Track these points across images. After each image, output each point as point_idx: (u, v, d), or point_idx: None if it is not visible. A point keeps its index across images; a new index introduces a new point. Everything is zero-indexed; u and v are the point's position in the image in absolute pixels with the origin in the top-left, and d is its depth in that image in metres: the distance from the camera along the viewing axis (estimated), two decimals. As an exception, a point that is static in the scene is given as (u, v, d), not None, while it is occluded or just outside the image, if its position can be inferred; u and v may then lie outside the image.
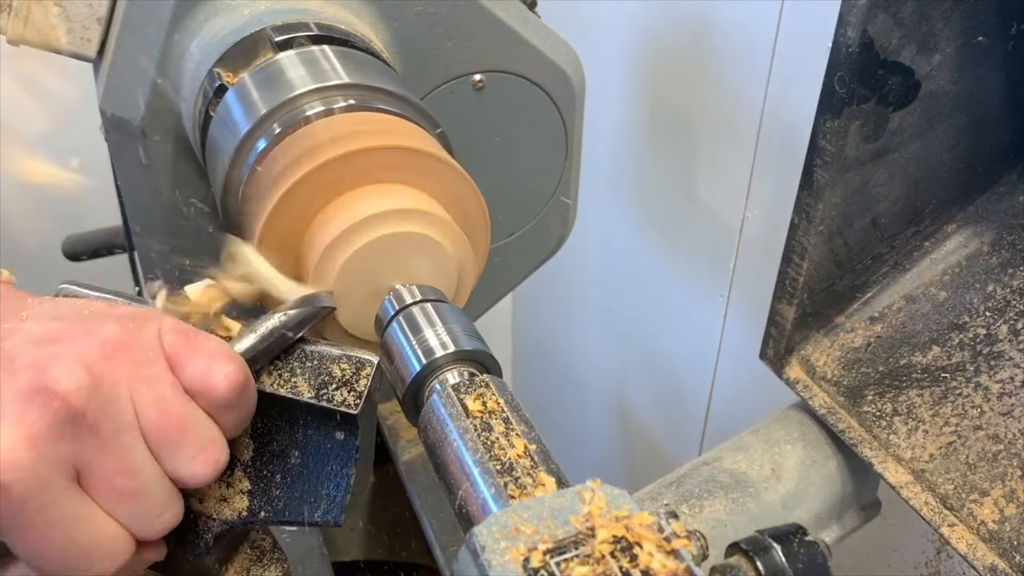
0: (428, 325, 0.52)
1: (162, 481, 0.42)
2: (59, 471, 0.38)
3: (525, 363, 2.29)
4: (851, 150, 0.67)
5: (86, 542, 0.39)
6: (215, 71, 0.67)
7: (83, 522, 0.39)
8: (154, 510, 0.41)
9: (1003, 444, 0.66)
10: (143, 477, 0.41)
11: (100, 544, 0.40)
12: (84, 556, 0.39)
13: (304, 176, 0.55)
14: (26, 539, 0.38)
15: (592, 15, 1.53)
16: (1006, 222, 0.76)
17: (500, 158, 0.86)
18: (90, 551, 0.39)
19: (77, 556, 0.39)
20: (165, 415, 0.41)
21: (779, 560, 0.50)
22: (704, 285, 1.46)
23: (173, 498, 0.43)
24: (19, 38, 0.71)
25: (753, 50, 1.20)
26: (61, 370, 0.38)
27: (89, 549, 0.39)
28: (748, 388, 1.42)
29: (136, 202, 0.77)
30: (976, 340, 0.72)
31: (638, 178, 1.57)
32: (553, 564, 0.34)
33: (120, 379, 0.40)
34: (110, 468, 0.39)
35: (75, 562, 0.39)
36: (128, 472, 0.40)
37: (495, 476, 0.42)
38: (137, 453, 0.40)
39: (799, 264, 0.73)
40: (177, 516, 0.43)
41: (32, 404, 0.37)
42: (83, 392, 0.38)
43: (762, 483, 0.72)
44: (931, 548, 1.08)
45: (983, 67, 0.69)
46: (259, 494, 0.48)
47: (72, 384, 0.38)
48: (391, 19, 0.76)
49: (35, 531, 0.37)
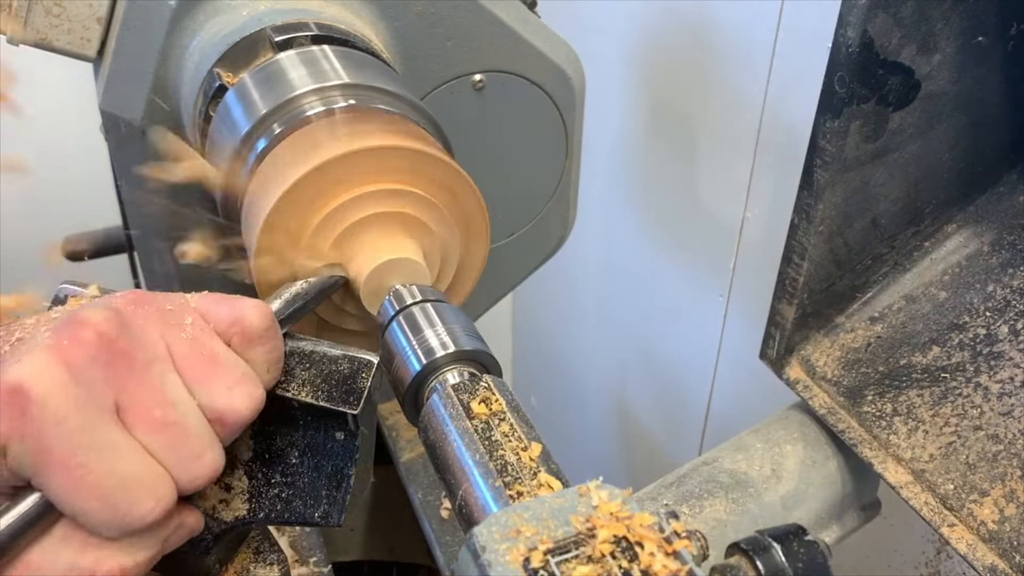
0: (428, 325, 0.52)
1: (200, 417, 0.41)
2: (95, 395, 0.37)
3: (525, 363, 2.29)
4: (851, 150, 0.67)
5: (128, 474, 0.38)
6: (215, 71, 0.67)
7: (124, 452, 0.38)
8: (194, 448, 0.40)
9: (1003, 444, 0.66)
10: (180, 408, 0.40)
11: (142, 480, 0.38)
12: (126, 491, 0.38)
13: (304, 176, 0.55)
14: (65, 467, 0.36)
15: (592, 15, 1.53)
16: (1006, 222, 0.76)
17: (500, 158, 0.86)
18: (133, 486, 0.38)
19: (119, 490, 0.37)
20: (198, 350, 0.42)
21: (779, 560, 0.50)
22: (704, 285, 1.46)
23: (213, 440, 0.42)
24: (19, 38, 0.71)
25: (753, 50, 1.20)
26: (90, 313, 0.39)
27: (132, 484, 0.38)
28: (748, 388, 1.42)
29: (136, 202, 0.77)
30: (976, 340, 0.71)
31: (638, 178, 1.57)
32: (553, 564, 0.34)
33: (149, 319, 0.41)
34: (147, 398, 0.39)
35: (116, 497, 0.37)
36: (166, 403, 0.40)
37: (495, 476, 0.42)
38: (173, 384, 0.40)
39: (799, 264, 0.73)
40: (218, 462, 0.42)
41: (63, 333, 0.38)
42: (113, 323, 0.39)
43: (762, 483, 0.72)
44: (931, 548, 1.08)
45: (983, 67, 0.69)
46: (259, 494, 0.48)
47: (101, 316, 0.39)
48: (391, 19, 0.76)
49: (74, 456, 0.36)
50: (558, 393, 2.13)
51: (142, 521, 0.38)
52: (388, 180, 0.58)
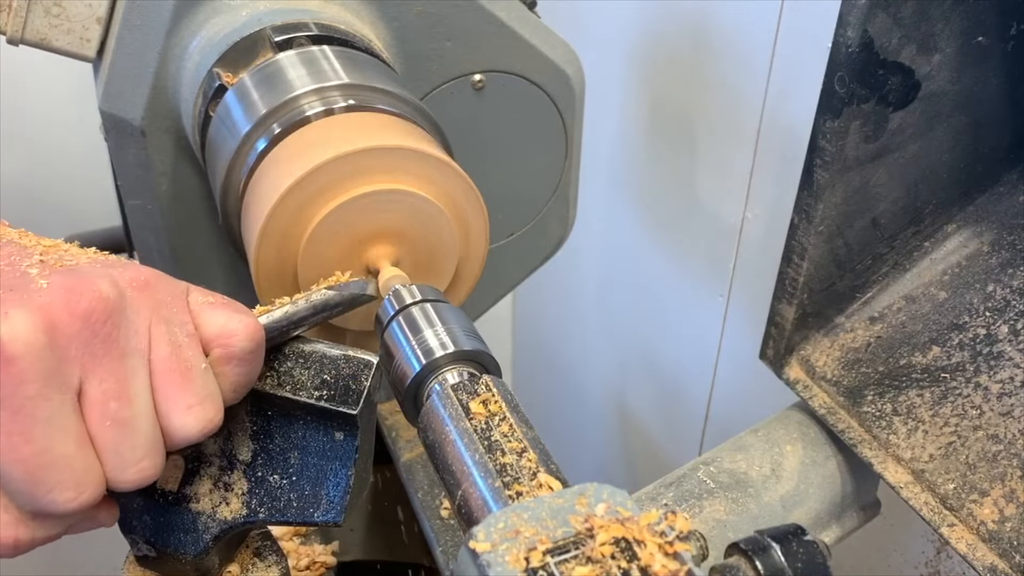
0: (428, 325, 0.52)
1: (152, 422, 0.41)
2: (65, 368, 0.37)
3: (525, 363, 2.29)
4: (851, 150, 0.67)
5: (61, 457, 0.37)
6: (215, 71, 0.67)
7: (67, 434, 0.37)
8: (136, 452, 0.40)
9: (1003, 444, 0.66)
10: (136, 408, 0.40)
11: (72, 467, 0.38)
12: (53, 472, 0.37)
13: (304, 176, 0.55)
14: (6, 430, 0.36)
15: (592, 15, 1.53)
16: (1006, 222, 0.76)
17: (500, 158, 0.86)
18: (61, 470, 0.37)
19: (47, 469, 0.37)
20: (175, 356, 0.41)
21: (779, 560, 0.50)
22: (704, 285, 1.46)
23: (156, 448, 0.41)
24: (18, 38, 0.71)
25: (753, 50, 1.20)
26: (92, 282, 0.39)
27: (61, 467, 0.37)
28: (748, 388, 1.42)
29: (136, 202, 0.77)
30: (976, 340, 0.71)
31: (638, 178, 1.57)
32: (553, 564, 0.34)
33: (143, 309, 0.41)
34: (108, 387, 0.39)
35: (42, 475, 0.37)
36: (125, 397, 0.39)
37: (495, 476, 0.42)
38: (139, 381, 0.40)
39: (799, 264, 0.73)
40: (154, 471, 0.41)
41: (59, 298, 0.37)
42: (110, 304, 0.39)
43: (762, 483, 0.72)
44: (931, 548, 1.08)
45: (983, 67, 0.69)
46: (259, 494, 0.48)
47: (101, 293, 0.38)
48: (391, 19, 0.76)
49: (17, 423, 0.36)
50: (558, 393, 2.13)
51: (56, 506, 0.38)
52: (388, 180, 0.58)
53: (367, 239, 0.59)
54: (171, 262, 0.79)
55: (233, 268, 0.81)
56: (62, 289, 0.38)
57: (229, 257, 0.80)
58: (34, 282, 0.38)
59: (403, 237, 0.60)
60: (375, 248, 0.59)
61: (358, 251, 0.59)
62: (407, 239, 0.60)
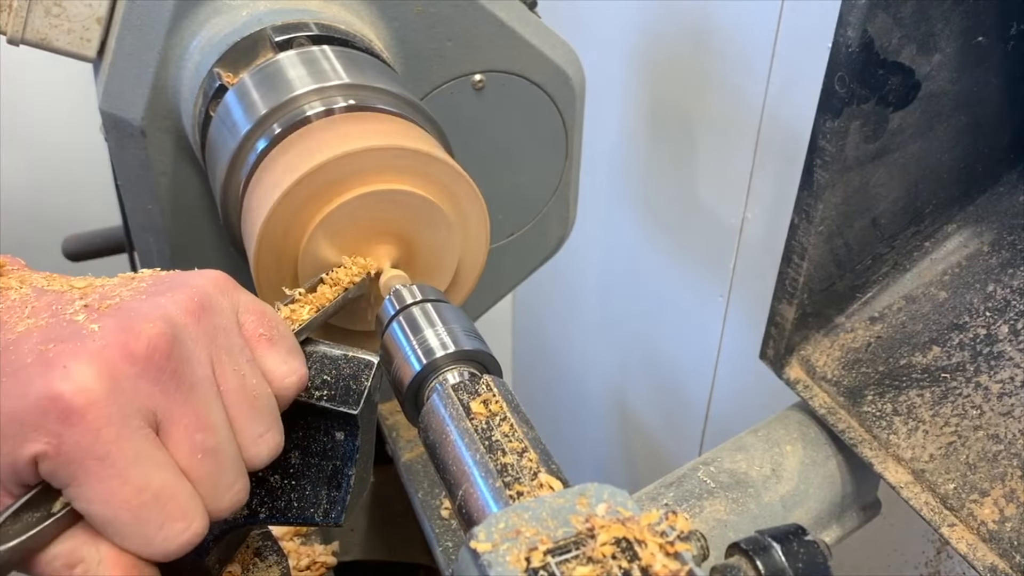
0: (428, 325, 0.52)
1: (235, 445, 0.40)
2: (136, 410, 0.36)
3: (525, 363, 2.29)
4: (851, 150, 0.67)
5: (161, 489, 0.36)
6: (215, 71, 0.67)
7: (161, 467, 0.37)
8: (228, 476, 0.40)
9: (1003, 444, 0.66)
10: (220, 435, 0.39)
11: (175, 497, 0.37)
12: (158, 508, 0.36)
13: (304, 176, 0.55)
14: (99, 477, 0.35)
15: (592, 15, 1.53)
16: (1006, 222, 0.76)
17: (500, 158, 0.86)
18: (166, 503, 0.36)
19: (151, 506, 0.36)
20: (243, 387, 0.41)
21: (779, 560, 0.50)
22: (704, 285, 1.46)
23: (243, 471, 0.41)
24: (19, 38, 0.71)
25: (753, 50, 1.20)
26: (146, 319, 0.38)
27: (165, 499, 0.36)
28: (748, 388, 1.42)
29: (136, 202, 0.77)
30: (976, 340, 0.71)
31: (638, 178, 1.57)
32: (554, 565, 0.34)
33: (201, 337, 0.40)
34: (190, 421, 0.38)
35: (147, 513, 0.36)
36: (209, 428, 0.39)
37: (495, 476, 0.42)
38: (216, 410, 0.39)
39: (799, 264, 0.73)
40: (245, 493, 0.41)
41: (115, 341, 0.36)
42: (167, 340, 0.38)
43: (762, 483, 0.72)
44: (931, 548, 1.08)
45: (983, 67, 0.69)
46: (259, 494, 0.48)
47: (156, 329, 0.37)
48: (391, 19, 0.76)
49: (108, 468, 0.35)
50: (558, 393, 2.13)
51: (169, 542, 0.37)
52: (388, 180, 0.58)
53: (367, 239, 0.59)
54: (171, 262, 0.79)
55: (233, 268, 0.80)
56: (116, 331, 0.37)
57: (229, 257, 0.80)
58: (84, 328, 0.37)
59: (403, 237, 0.60)
60: (375, 248, 0.59)
61: (358, 251, 0.59)
62: (407, 239, 0.60)
